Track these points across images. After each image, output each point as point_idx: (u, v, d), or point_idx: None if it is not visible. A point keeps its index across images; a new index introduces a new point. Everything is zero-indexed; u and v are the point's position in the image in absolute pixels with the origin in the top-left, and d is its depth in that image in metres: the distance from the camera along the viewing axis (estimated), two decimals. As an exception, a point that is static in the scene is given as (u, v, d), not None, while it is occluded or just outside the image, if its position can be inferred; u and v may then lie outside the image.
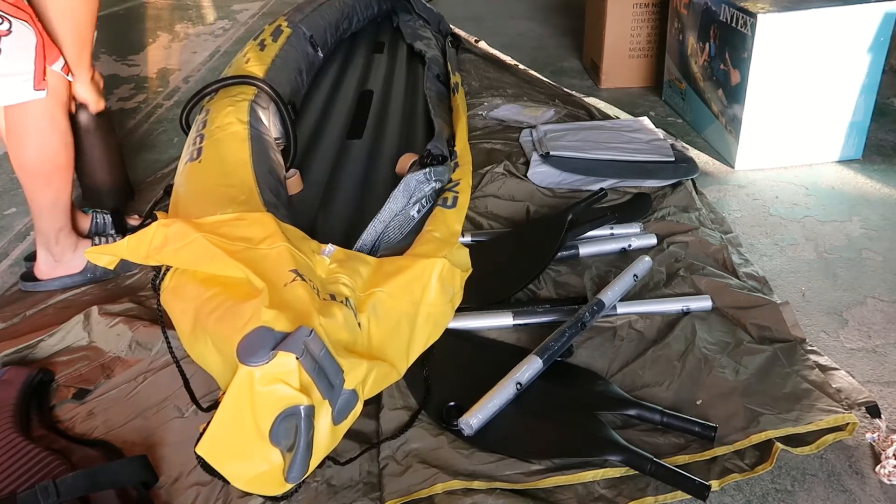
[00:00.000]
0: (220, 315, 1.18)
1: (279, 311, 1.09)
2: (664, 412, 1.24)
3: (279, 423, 1.03)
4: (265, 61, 2.18)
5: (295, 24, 2.52)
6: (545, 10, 4.09)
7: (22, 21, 1.48)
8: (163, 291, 1.35)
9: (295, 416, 1.04)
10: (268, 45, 2.31)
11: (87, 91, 1.70)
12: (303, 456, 1.05)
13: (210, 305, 1.21)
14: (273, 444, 1.05)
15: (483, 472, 1.17)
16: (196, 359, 1.25)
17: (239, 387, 1.02)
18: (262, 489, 1.10)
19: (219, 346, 1.16)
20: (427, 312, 1.36)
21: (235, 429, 1.04)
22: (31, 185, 1.63)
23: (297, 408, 1.03)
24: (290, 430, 1.05)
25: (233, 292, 1.20)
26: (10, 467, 1.15)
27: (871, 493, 1.15)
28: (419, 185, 1.73)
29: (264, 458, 1.05)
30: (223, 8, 4.47)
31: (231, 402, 1.03)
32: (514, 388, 1.28)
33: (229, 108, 1.83)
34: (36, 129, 1.57)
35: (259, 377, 1.02)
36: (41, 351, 1.50)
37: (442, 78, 2.63)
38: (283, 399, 1.03)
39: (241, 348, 1.03)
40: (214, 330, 1.17)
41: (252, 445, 1.04)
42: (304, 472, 1.07)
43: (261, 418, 1.03)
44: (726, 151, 2.25)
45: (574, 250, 1.71)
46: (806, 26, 2.02)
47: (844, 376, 1.31)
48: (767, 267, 1.71)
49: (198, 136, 1.74)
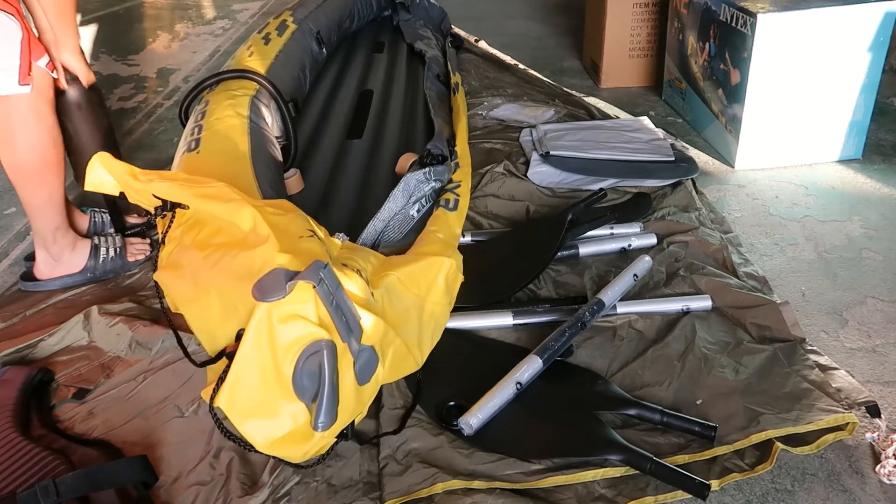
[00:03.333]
0: (224, 265, 1.15)
1: (293, 255, 1.08)
2: (664, 412, 1.24)
3: (302, 365, 1.01)
4: (268, 56, 2.15)
5: (301, 20, 2.48)
6: (545, 9, 4.09)
7: (7, 14, 1.47)
8: (159, 270, 1.32)
9: (318, 355, 1.01)
10: (272, 39, 2.27)
11: (76, 60, 1.66)
12: (329, 397, 1.02)
13: (211, 260, 1.18)
14: (297, 394, 1.01)
15: (483, 471, 1.17)
16: (193, 321, 1.20)
17: (257, 327, 1.00)
18: (286, 451, 1.06)
19: (224, 293, 1.13)
20: (431, 310, 1.35)
21: (256, 377, 1.01)
22: (23, 183, 1.62)
23: (320, 343, 1.01)
24: (314, 375, 1.02)
25: (235, 246, 1.18)
26: (9, 467, 1.15)
27: (871, 492, 1.15)
28: (419, 184, 1.73)
29: (289, 413, 1.02)
30: (223, 7, 4.47)
31: (250, 346, 1.00)
32: (515, 387, 1.28)
33: (229, 102, 1.81)
34: (22, 125, 1.55)
35: (277, 312, 1.00)
36: (41, 351, 1.50)
37: (442, 78, 2.63)
38: (303, 335, 1.00)
39: (257, 289, 1.01)
40: (219, 279, 1.14)
41: (275, 396, 1.01)
42: (332, 418, 1.04)
43: (283, 360, 1.00)
44: (726, 151, 2.25)
45: (574, 250, 1.71)
46: (806, 26, 2.02)
47: (844, 376, 1.31)
48: (767, 267, 1.71)
49: (196, 126, 1.71)
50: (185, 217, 1.32)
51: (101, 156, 1.36)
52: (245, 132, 1.71)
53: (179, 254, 1.27)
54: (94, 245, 1.77)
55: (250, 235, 1.17)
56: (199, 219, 1.30)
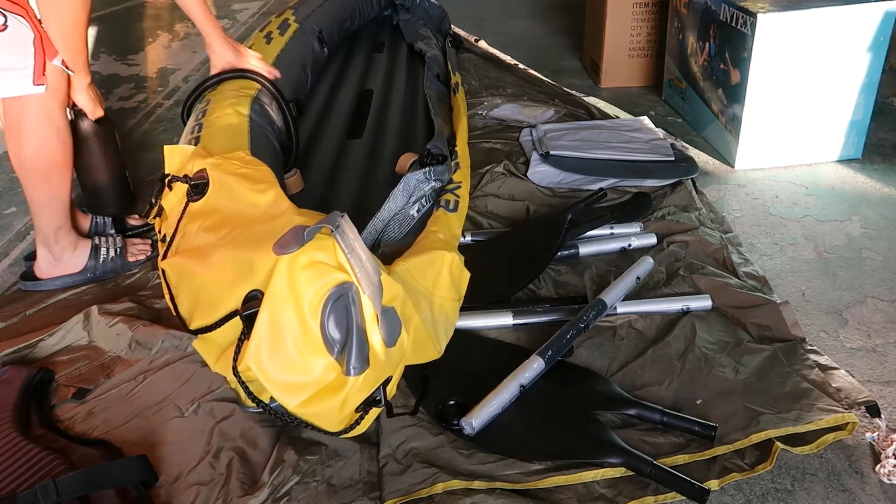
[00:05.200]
0: (242, 239, 1.16)
1: (310, 217, 1.09)
2: (664, 412, 1.24)
3: (329, 313, 1.00)
4: (270, 55, 2.13)
5: (303, 19, 2.45)
6: (545, 9, 4.08)
7: (17, 16, 1.48)
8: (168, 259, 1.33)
9: (343, 299, 1.00)
10: (274, 38, 2.26)
11: (84, 98, 1.69)
12: (359, 339, 1.01)
13: (227, 238, 1.19)
14: (327, 347, 1.00)
15: (483, 471, 1.17)
16: (199, 293, 1.18)
17: (279, 279, 1.00)
18: (320, 407, 1.04)
19: (238, 260, 1.13)
20: (440, 304, 1.35)
21: (282, 331, 1.01)
22: (30, 181, 1.63)
23: (343, 287, 1.01)
24: (341, 321, 1.01)
25: (252, 223, 1.19)
26: (9, 467, 1.15)
27: (871, 492, 1.15)
28: (419, 184, 1.73)
29: (320, 367, 1.01)
30: (223, 7, 4.46)
31: (274, 299, 1.00)
32: (518, 390, 1.28)
33: (230, 101, 1.80)
34: (33, 125, 1.57)
35: (299, 261, 1.00)
36: (41, 350, 1.50)
37: (442, 77, 2.62)
38: (326, 281, 1.00)
39: (278, 245, 1.01)
40: (235, 249, 1.15)
41: (303, 349, 1.01)
42: (364, 362, 1.03)
43: (308, 311, 0.99)
44: (726, 151, 2.25)
45: (574, 250, 1.71)
46: (806, 26, 2.02)
47: (844, 376, 1.31)
48: (767, 266, 1.71)
49: (196, 125, 1.71)
50: (194, 208, 1.33)
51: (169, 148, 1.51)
52: (245, 131, 1.71)
53: (189, 240, 1.28)
54: (94, 245, 1.77)
55: (269, 209, 1.19)
56: (208, 209, 1.30)
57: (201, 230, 1.29)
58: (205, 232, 1.27)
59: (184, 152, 1.52)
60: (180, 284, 1.27)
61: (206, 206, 1.34)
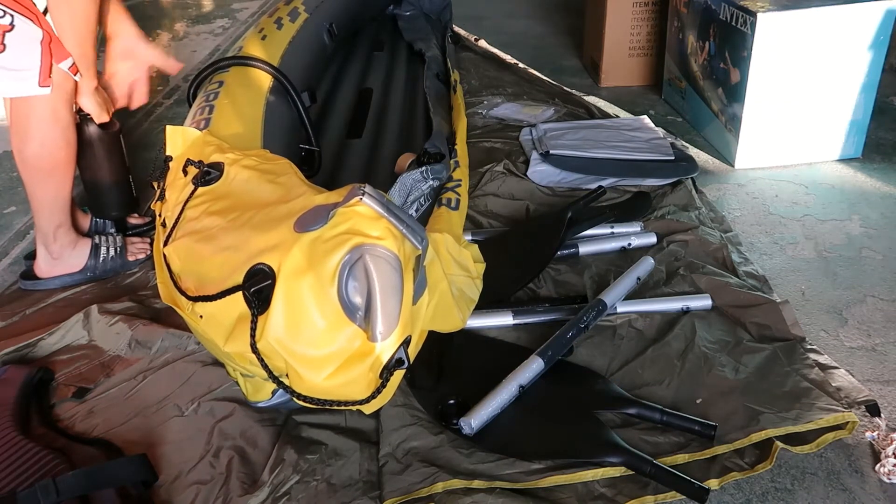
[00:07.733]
0: (256, 221, 1.13)
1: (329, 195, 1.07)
2: (664, 411, 1.24)
3: (346, 278, 0.97)
4: (282, 42, 2.06)
5: (313, 10, 2.37)
6: (545, 8, 4.08)
7: (25, 17, 1.48)
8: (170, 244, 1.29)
9: (361, 261, 0.97)
10: (285, 24, 2.18)
11: (91, 102, 1.67)
12: (384, 301, 0.97)
13: (239, 221, 1.16)
14: (347, 313, 0.98)
15: (483, 471, 1.17)
16: (208, 271, 1.15)
17: (296, 253, 0.98)
18: (347, 376, 1.01)
19: (251, 241, 1.09)
20: (452, 280, 1.34)
21: (301, 302, 0.98)
22: (32, 179, 1.63)
23: (360, 249, 0.98)
24: (361, 284, 0.97)
25: (267, 206, 1.16)
26: (9, 466, 1.15)
27: (871, 491, 1.15)
28: (416, 183, 1.73)
29: (343, 338, 0.99)
30: (223, 6, 4.46)
31: (290, 273, 0.97)
32: (517, 390, 1.28)
33: (242, 88, 1.76)
34: (38, 123, 1.57)
35: (324, 236, 0.98)
36: (41, 349, 1.50)
37: (441, 76, 2.62)
38: (342, 249, 0.98)
39: (299, 223, 0.99)
40: (249, 230, 1.11)
41: (324, 322, 0.98)
42: (391, 324, 0.99)
43: (327, 277, 0.97)
44: (726, 150, 2.25)
45: (574, 249, 1.71)
46: (806, 25, 2.01)
47: (844, 375, 1.31)
48: (767, 266, 1.71)
49: (207, 106, 1.63)
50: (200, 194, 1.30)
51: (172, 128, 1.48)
52: (259, 120, 1.66)
53: (195, 223, 1.24)
54: (94, 244, 1.77)
55: (287, 193, 1.16)
56: (220, 194, 1.28)
57: (209, 214, 1.24)
58: (214, 215, 1.23)
59: (187, 134, 1.48)
60: (185, 268, 1.22)
61: (216, 191, 1.30)
